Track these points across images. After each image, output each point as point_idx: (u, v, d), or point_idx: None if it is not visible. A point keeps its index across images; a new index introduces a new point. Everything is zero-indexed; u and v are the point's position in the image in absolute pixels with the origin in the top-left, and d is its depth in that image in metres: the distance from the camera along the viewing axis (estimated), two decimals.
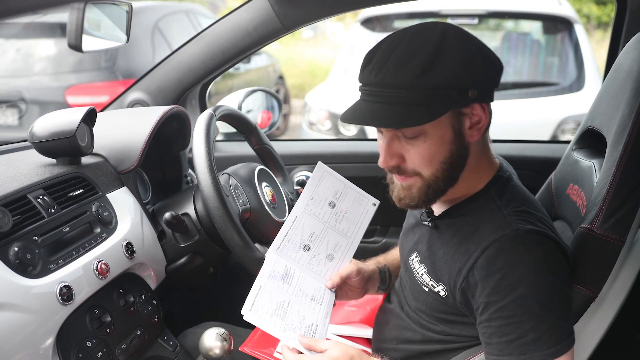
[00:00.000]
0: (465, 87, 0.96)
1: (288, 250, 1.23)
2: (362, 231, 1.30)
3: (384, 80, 0.96)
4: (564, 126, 3.42)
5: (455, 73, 0.95)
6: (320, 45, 11.53)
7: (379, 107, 0.97)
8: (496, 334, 0.96)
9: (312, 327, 1.14)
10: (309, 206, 1.24)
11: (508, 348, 0.95)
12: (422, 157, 1.00)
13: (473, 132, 1.01)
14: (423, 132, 0.98)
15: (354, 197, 1.29)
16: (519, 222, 1.00)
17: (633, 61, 1.14)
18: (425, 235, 1.17)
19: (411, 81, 0.94)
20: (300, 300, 1.18)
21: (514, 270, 0.96)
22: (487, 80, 1.00)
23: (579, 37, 3.70)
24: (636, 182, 1.08)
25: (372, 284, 1.33)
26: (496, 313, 0.96)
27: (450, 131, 0.99)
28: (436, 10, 3.86)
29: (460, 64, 0.96)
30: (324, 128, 3.98)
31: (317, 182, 1.25)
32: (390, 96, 0.96)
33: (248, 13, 1.66)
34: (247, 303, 1.10)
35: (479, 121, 1.01)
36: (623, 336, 1.52)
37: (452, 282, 1.05)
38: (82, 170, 1.31)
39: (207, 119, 1.36)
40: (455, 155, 1.01)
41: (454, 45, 0.96)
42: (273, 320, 1.11)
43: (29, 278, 1.03)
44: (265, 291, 1.14)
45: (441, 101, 0.95)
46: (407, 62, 0.95)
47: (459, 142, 1.01)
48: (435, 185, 1.03)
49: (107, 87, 3.76)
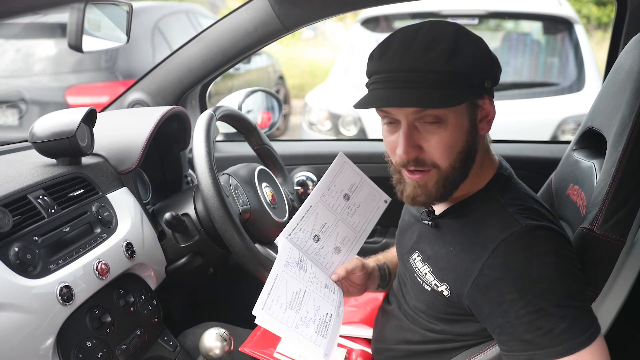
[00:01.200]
0: (483, 77, 0.99)
1: (298, 238, 1.22)
2: (371, 227, 1.30)
3: (412, 63, 0.96)
4: (564, 126, 3.42)
5: (477, 61, 0.98)
6: (321, 45, 11.53)
7: (403, 91, 0.97)
8: (529, 329, 0.96)
9: (326, 317, 1.13)
10: (324, 196, 1.23)
11: (544, 341, 0.95)
12: (443, 145, 1.00)
13: (483, 124, 1.03)
14: (444, 119, 0.99)
15: (368, 191, 1.29)
16: (526, 219, 1.00)
17: (633, 61, 1.14)
18: (426, 234, 1.17)
19: (441, 64, 0.95)
20: (315, 287, 1.16)
21: (531, 265, 0.96)
22: (497, 74, 1.03)
23: (579, 38, 3.70)
24: (636, 182, 1.08)
25: (372, 282, 1.33)
26: (523, 309, 0.95)
27: (467, 121, 1.01)
28: (436, 10, 3.86)
29: (480, 54, 0.99)
30: (324, 128, 3.98)
31: (336, 173, 1.24)
32: (416, 80, 0.96)
33: (248, 13, 1.66)
34: (261, 298, 1.06)
35: (487, 114, 1.03)
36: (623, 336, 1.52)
37: (458, 281, 1.05)
38: (82, 171, 1.31)
39: (207, 119, 1.36)
40: (471, 147, 1.03)
41: (470, 37, 1.00)
42: (287, 315, 1.08)
43: (29, 278, 1.03)
44: (282, 280, 1.12)
45: (465, 87, 0.98)
46: (435, 46, 0.96)
47: (473, 134, 1.02)
48: (452, 178, 1.03)
49: (107, 87, 3.76)
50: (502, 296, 0.97)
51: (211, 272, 1.57)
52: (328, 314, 1.14)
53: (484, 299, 1.00)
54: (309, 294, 1.14)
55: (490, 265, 0.99)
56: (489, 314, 1.00)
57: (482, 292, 1.00)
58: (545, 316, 0.94)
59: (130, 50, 3.86)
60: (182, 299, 1.89)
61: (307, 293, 1.14)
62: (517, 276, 0.97)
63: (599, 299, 1.11)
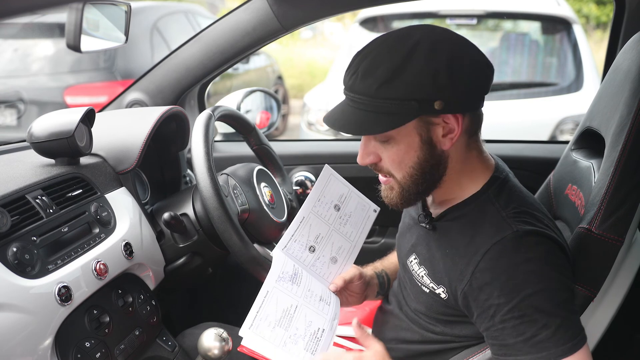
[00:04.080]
0: (427, 99, 0.97)
1: (294, 250, 1.23)
2: (364, 236, 1.32)
3: (354, 86, 1.01)
4: (563, 126, 3.42)
5: (416, 86, 0.97)
6: (319, 45, 11.54)
7: (351, 110, 1.02)
8: (511, 334, 0.97)
9: (318, 333, 1.13)
10: (315, 207, 1.25)
11: (525, 347, 0.96)
12: (392, 160, 1.05)
13: (446, 140, 1.02)
14: (392, 137, 1.02)
15: (357, 202, 1.31)
16: (518, 223, 1.01)
17: (631, 61, 1.14)
18: (423, 236, 1.17)
19: (374, 90, 0.98)
20: (308, 301, 1.17)
21: (517, 271, 0.97)
22: (457, 92, 0.99)
23: (577, 38, 3.70)
24: (634, 182, 1.08)
25: (372, 290, 1.34)
26: (508, 314, 0.96)
27: (418, 139, 1.02)
28: (435, 10, 3.86)
29: (423, 77, 0.96)
30: (322, 128, 3.97)
31: (324, 185, 1.26)
32: (359, 102, 1.01)
33: (247, 13, 1.65)
34: (248, 318, 1.07)
35: (451, 130, 1.02)
36: (622, 336, 1.52)
37: (453, 284, 1.05)
38: (80, 171, 1.31)
39: (206, 120, 1.36)
40: (425, 162, 1.03)
41: (422, 57, 0.97)
42: (274, 334, 1.09)
43: (28, 278, 1.03)
44: (272, 297, 1.13)
45: (403, 111, 0.98)
46: (372, 72, 0.98)
47: (428, 150, 1.03)
48: (409, 189, 1.07)
49: (106, 87, 3.76)
50: (489, 300, 0.98)
51: (210, 272, 1.57)
52: (320, 329, 1.15)
53: (474, 302, 1.01)
54: (301, 309, 1.15)
55: (481, 269, 1.00)
56: (478, 317, 1.02)
57: (473, 295, 1.01)
58: (529, 322, 0.95)
59: (128, 50, 3.85)
60: (181, 299, 1.89)
61: (299, 308, 1.15)
62: (504, 280, 0.97)
63: (597, 299, 1.11)
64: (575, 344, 0.95)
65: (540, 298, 0.95)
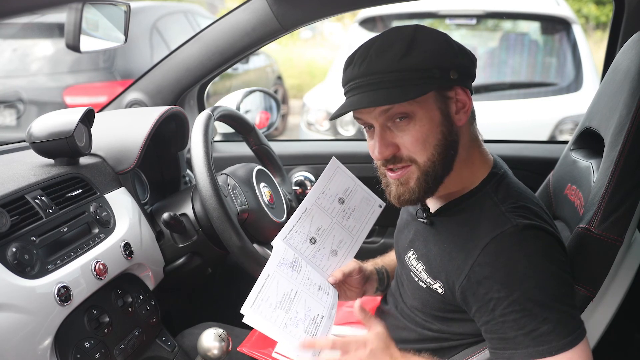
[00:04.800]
0: (446, 67, 1.01)
1: (295, 240, 1.23)
2: (367, 231, 1.31)
3: (369, 68, 1.01)
4: (562, 126, 3.42)
5: (434, 54, 1.01)
6: (319, 45, 11.53)
7: (362, 95, 1.01)
8: (512, 327, 0.97)
9: (317, 319, 1.14)
10: (319, 200, 1.25)
11: (526, 340, 0.96)
12: (416, 140, 1.03)
13: (460, 115, 1.05)
14: (412, 114, 1.02)
15: (362, 196, 1.31)
16: (517, 217, 1.01)
17: (631, 61, 1.14)
18: (421, 232, 1.18)
19: (394, 64, 0.99)
20: (308, 289, 1.17)
21: (517, 264, 0.97)
22: (465, 65, 1.04)
23: (577, 38, 3.71)
24: (634, 182, 1.08)
25: (371, 285, 1.34)
26: (509, 307, 0.97)
27: (438, 113, 1.02)
28: (434, 10, 3.86)
29: (437, 47, 1.02)
30: (322, 128, 3.98)
31: (329, 177, 1.26)
32: (375, 82, 1.00)
33: (246, 13, 1.65)
34: (250, 297, 1.07)
35: (464, 105, 1.05)
36: (621, 336, 1.52)
37: (450, 279, 1.06)
38: (80, 171, 1.31)
39: (206, 120, 1.36)
40: (448, 138, 1.04)
41: (427, 35, 1.03)
42: (275, 314, 1.09)
43: (27, 279, 1.03)
44: (272, 280, 1.12)
45: (425, 80, 1.00)
46: (387, 49, 1.00)
47: (448, 125, 1.03)
48: (433, 172, 1.04)
49: (105, 87, 3.76)
50: (489, 294, 0.98)
51: (209, 272, 1.57)
52: (319, 315, 1.15)
53: (473, 296, 1.02)
54: (301, 294, 1.15)
55: (480, 263, 1.00)
56: (477, 311, 1.02)
57: (471, 289, 1.01)
58: (529, 316, 0.95)
59: (128, 50, 3.85)
60: (181, 299, 1.88)
61: (299, 294, 1.15)
62: (504, 274, 0.98)
63: (596, 299, 1.11)
64: (575, 338, 0.95)
65: (541, 291, 0.96)
